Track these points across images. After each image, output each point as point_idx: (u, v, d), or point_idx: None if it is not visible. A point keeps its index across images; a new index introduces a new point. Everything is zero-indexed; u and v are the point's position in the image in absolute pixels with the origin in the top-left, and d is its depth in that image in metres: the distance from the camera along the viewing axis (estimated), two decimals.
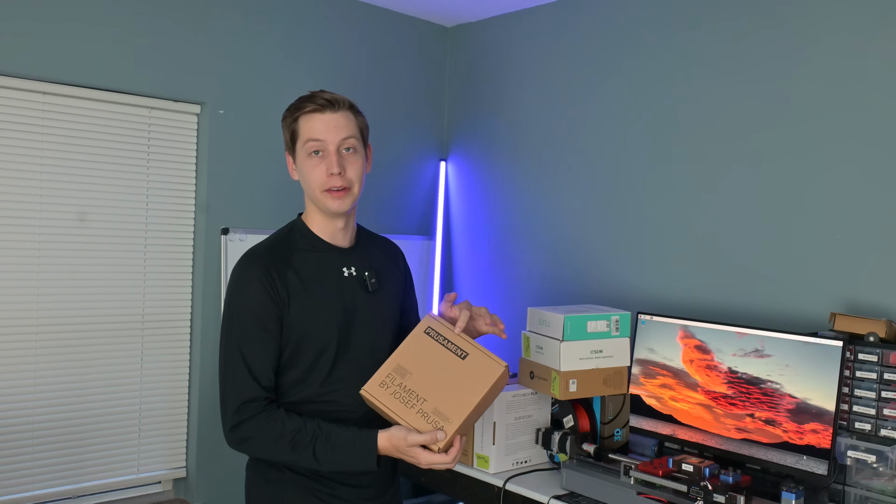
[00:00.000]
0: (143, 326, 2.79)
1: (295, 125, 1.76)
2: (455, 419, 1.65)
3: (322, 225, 1.81)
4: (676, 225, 2.75)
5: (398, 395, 1.68)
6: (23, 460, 2.55)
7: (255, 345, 1.70)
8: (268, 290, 1.70)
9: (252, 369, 1.69)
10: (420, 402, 1.67)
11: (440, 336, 1.73)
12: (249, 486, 1.84)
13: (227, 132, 2.91)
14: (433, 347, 1.73)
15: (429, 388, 1.68)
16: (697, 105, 2.70)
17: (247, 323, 1.70)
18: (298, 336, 1.73)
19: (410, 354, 1.73)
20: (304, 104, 1.76)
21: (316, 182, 1.75)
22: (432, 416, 1.66)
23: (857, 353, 2.11)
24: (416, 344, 1.74)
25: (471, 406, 1.67)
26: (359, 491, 1.80)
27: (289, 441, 1.66)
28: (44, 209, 2.57)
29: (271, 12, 3.01)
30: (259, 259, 1.75)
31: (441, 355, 1.71)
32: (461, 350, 1.72)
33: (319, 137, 1.74)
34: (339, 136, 1.74)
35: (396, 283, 1.92)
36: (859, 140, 2.33)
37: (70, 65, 2.56)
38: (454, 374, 1.69)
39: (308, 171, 1.75)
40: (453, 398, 1.67)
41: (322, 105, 1.74)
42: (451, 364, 1.70)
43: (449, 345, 1.72)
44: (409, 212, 3.50)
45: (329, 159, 1.74)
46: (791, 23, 2.47)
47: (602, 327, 2.36)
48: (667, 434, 2.41)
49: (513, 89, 3.32)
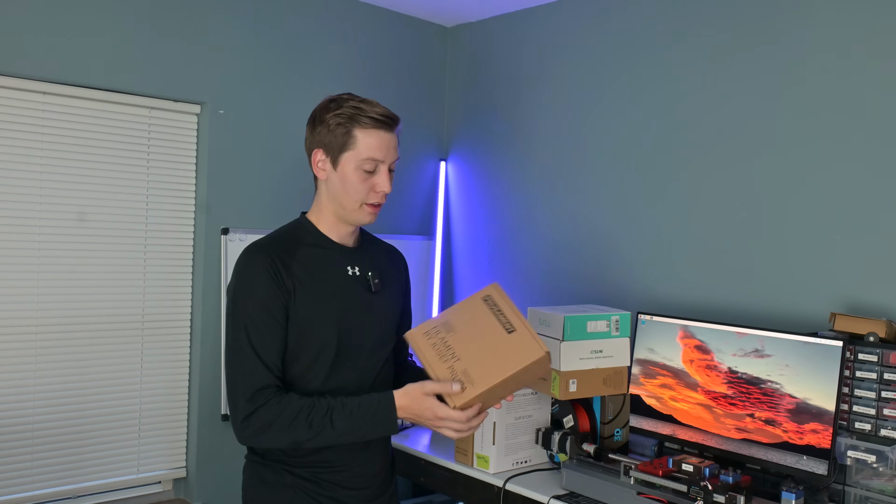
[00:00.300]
0: (143, 326, 2.79)
1: (352, 133, 1.72)
2: (480, 385, 1.65)
3: (332, 225, 1.81)
4: (676, 225, 2.75)
5: (437, 346, 1.71)
6: (23, 460, 2.55)
7: (263, 333, 1.68)
8: (274, 279, 1.69)
9: (262, 357, 1.67)
10: (454, 359, 1.69)
11: (496, 306, 1.74)
12: (246, 489, 1.84)
13: (227, 132, 2.91)
14: (485, 314, 1.73)
15: (467, 349, 1.69)
16: (698, 104, 2.70)
17: (255, 311, 1.68)
18: (300, 329, 1.71)
19: (462, 315, 1.75)
20: (362, 113, 1.72)
21: (360, 195, 1.74)
22: (460, 375, 1.67)
23: (857, 353, 2.11)
24: (471, 307, 1.76)
25: (499, 378, 1.66)
26: (356, 493, 1.80)
27: (305, 419, 1.64)
28: (44, 209, 2.57)
29: (271, 12, 3.01)
30: (265, 249, 1.74)
31: (489, 323, 1.72)
32: (510, 324, 1.71)
33: (379, 158, 1.73)
34: (393, 157, 1.77)
35: (397, 286, 1.92)
36: (859, 140, 2.33)
37: (70, 65, 2.56)
38: (495, 344, 1.69)
39: (356, 182, 1.73)
40: (486, 366, 1.67)
41: (383, 122, 1.73)
42: (495, 334, 1.70)
43: (500, 316, 1.72)
44: (409, 212, 3.50)
45: (381, 178, 1.74)
46: (790, 21, 2.47)
47: (602, 327, 2.35)
48: (667, 434, 2.41)
49: (513, 89, 3.32)
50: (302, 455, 1.75)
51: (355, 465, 1.79)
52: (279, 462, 1.77)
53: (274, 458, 1.77)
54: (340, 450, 1.76)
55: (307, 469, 1.76)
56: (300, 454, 1.75)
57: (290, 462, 1.76)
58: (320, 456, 1.76)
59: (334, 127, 1.73)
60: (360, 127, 1.72)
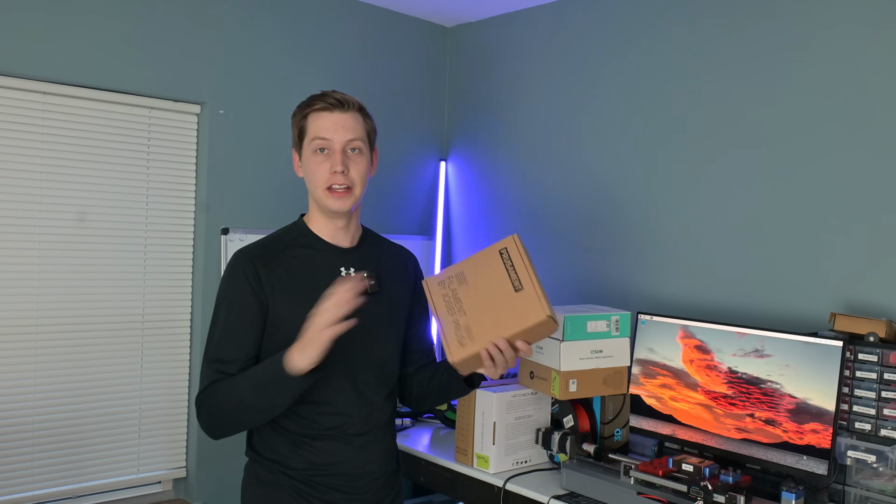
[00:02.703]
0: (143, 326, 2.79)
1: (304, 122, 1.77)
2: (478, 342, 1.66)
3: (323, 224, 1.81)
4: (676, 225, 2.75)
5: (447, 297, 1.73)
6: (23, 460, 2.55)
7: (229, 337, 1.72)
8: (251, 285, 1.72)
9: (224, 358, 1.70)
10: (460, 313, 1.70)
11: (509, 261, 1.72)
12: (245, 487, 1.84)
13: (227, 132, 2.91)
14: (497, 268, 1.72)
15: (473, 304, 1.70)
16: (698, 104, 2.70)
17: (225, 315, 1.74)
18: (285, 331, 1.70)
19: (475, 267, 1.74)
20: (314, 102, 1.77)
21: (319, 179, 1.75)
22: (462, 330, 1.68)
23: (857, 353, 2.11)
24: (485, 260, 1.74)
25: (497, 337, 1.65)
26: (351, 497, 1.77)
27: (228, 400, 1.65)
28: (44, 209, 2.57)
29: (271, 12, 3.01)
30: (248, 254, 1.77)
31: (499, 279, 1.71)
32: (519, 282, 1.69)
33: (326, 136, 1.74)
34: (346, 136, 1.75)
35: (403, 289, 1.89)
36: (860, 139, 2.33)
37: (70, 65, 2.56)
38: (501, 301, 1.68)
39: (312, 168, 1.76)
40: (487, 324, 1.67)
41: (332, 104, 1.76)
42: (503, 290, 1.69)
43: (511, 272, 1.70)
44: (409, 212, 3.50)
45: (333, 158, 1.74)
46: (789, 19, 2.47)
47: (602, 327, 2.35)
48: (667, 434, 2.41)
49: (513, 89, 3.32)
50: (296, 456, 1.75)
51: (350, 469, 1.77)
52: (274, 462, 1.77)
53: (270, 458, 1.77)
54: (333, 452, 1.75)
55: (301, 471, 1.75)
56: (295, 455, 1.75)
57: (285, 462, 1.76)
58: (315, 458, 1.75)
59: (296, 122, 1.80)
60: (312, 112, 1.77)
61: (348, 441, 1.76)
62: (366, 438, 1.79)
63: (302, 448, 1.75)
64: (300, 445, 1.75)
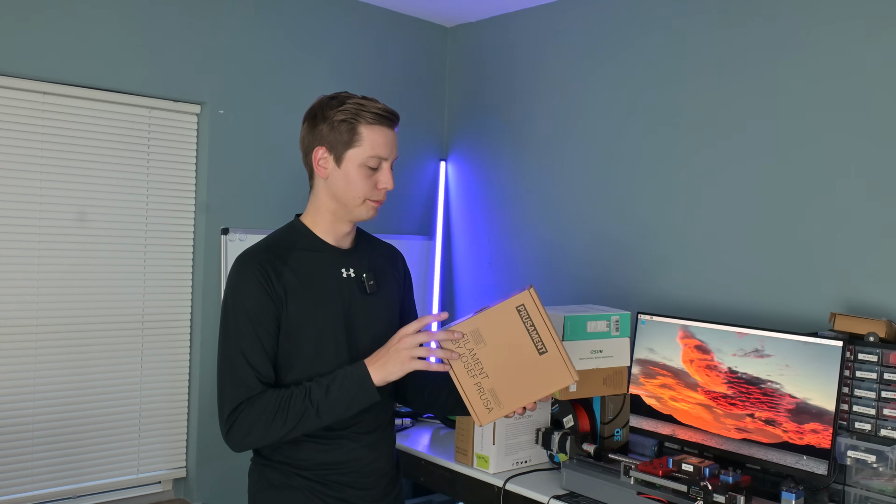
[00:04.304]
0: (143, 326, 2.79)
1: (356, 129, 1.71)
2: (506, 407, 1.66)
3: (328, 227, 1.79)
4: (676, 225, 2.75)
5: (465, 358, 1.66)
6: (23, 460, 2.55)
7: (253, 342, 1.68)
8: (265, 288, 1.69)
9: (253, 366, 1.67)
10: (482, 375, 1.66)
11: (528, 319, 1.67)
12: (254, 493, 1.82)
13: (227, 132, 2.91)
14: (517, 328, 1.67)
15: (495, 366, 1.66)
16: (697, 104, 2.70)
17: (244, 322, 1.68)
18: (297, 335, 1.71)
19: (493, 324, 1.67)
20: (367, 111, 1.72)
21: (363, 191, 1.73)
22: (487, 394, 1.65)
23: (857, 353, 2.11)
24: (503, 317, 1.67)
25: (526, 402, 1.67)
26: (364, 493, 1.79)
27: (286, 409, 1.63)
28: (44, 209, 2.57)
29: (271, 12, 3.01)
30: (255, 257, 1.72)
31: (521, 340, 1.67)
32: (542, 344, 1.66)
33: (383, 155, 1.73)
34: (395, 153, 1.77)
35: (394, 286, 1.91)
36: (860, 139, 2.33)
37: (70, 65, 2.56)
38: (525, 364, 1.66)
39: (359, 179, 1.73)
40: (514, 388, 1.66)
41: (388, 118, 1.74)
42: (526, 353, 1.66)
43: (533, 333, 1.67)
44: (409, 212, 3.50)
45: (384, 174, 1.74)
46: (788, 17, 2.47)
47: (602, 327, 2.36)
48: (667, 434, 2.41)
49: (512, 89, 3.32)
50: (310, 457, 1.75)
51: (362, 466, 1.78)
52: (286, 464, 1.76)
53: (280, 460, 1.76)
54: (347, 450, 1.76)
55: (315, 471, 1.75)
56: (309, 456, 1.75)
57: (298, 464, 1.75)
58: (327, 456, 1.75)
59: (338, 124, 1.71)
60: (365, 123, 1.71)
61: (359, 439, 1.77)
62: (375, 436, 1.80)
63: (316, 448, 1.75)
64: (314, 446, 1.75)
